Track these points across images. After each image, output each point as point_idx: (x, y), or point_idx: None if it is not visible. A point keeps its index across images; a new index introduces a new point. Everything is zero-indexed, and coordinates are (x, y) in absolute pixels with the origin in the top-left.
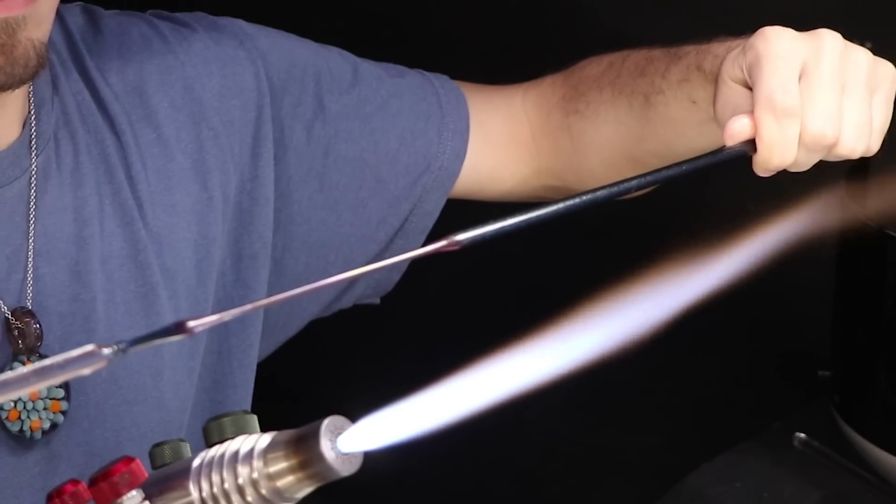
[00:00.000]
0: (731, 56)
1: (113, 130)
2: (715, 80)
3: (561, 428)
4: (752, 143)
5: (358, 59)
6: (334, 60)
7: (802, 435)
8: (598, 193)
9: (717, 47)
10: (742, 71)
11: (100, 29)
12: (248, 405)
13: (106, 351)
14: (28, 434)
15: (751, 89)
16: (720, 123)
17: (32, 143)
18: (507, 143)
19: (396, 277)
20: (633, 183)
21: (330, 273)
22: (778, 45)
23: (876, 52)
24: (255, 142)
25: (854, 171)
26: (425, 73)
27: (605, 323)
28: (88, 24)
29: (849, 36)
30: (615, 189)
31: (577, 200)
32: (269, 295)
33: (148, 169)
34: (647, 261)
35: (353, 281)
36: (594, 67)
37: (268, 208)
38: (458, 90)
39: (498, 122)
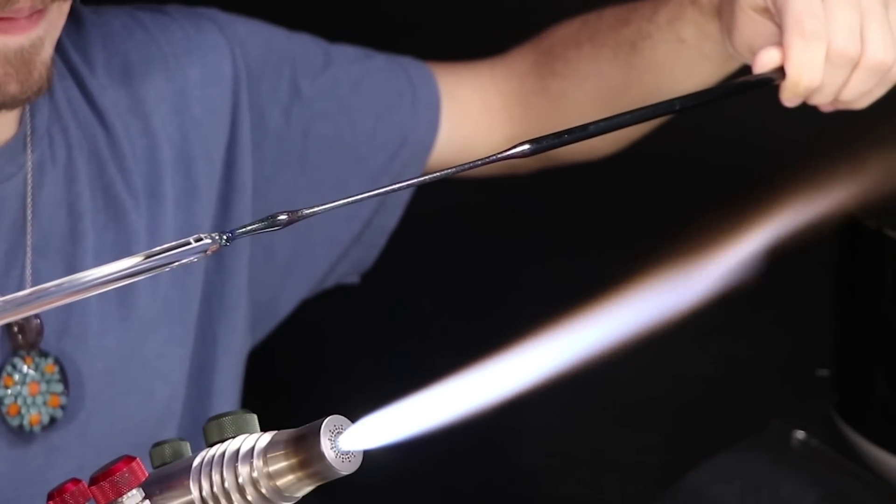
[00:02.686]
0: None
1: (102, 124)
2: (715, 11)
3: (561, 428)
4: (779, 71)
5: (328, 44)
6: (306, 45)
7: (801, 433)
8: (634, 114)
9: None
10: None
11: (81, 23)
12: (235, 391)
13: (211, 239)
14: (28, 428)
15: (769, 17)
16: (739, 53)
17: (28, 139)
18: (478, 112)
19: (375, 254)
20: (677, 104)
21: (316, 255)
22: None
23: None
24: (233, 129)
25: (852, 171)
26: (390, 54)
27: (605, 322)
28: (70, 20)
29: None
30: (650, 111)
31: (618, 119)
32: (252, 281)
33: (138, 160)
34: (647, 260)
35: (337, 259)
36: (566, 29)
37: (245, 194)
38: (426, 66)
39: (468, 92)
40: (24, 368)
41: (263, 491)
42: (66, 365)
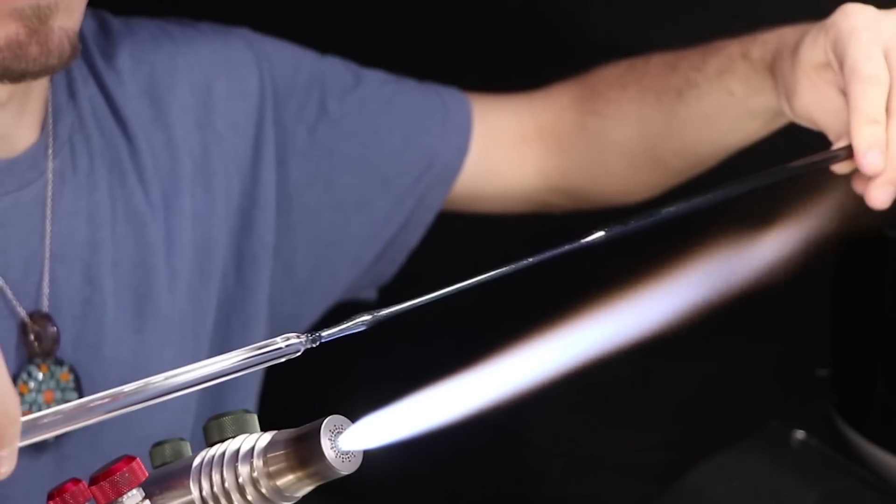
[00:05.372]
0: (808, 40)
1: (125, 134)
2: (768, 69)
3: (561, 428)
4: (846, 149)
5: (360, 67)
6: (336, 66)
7: (801, 433)
8: (697, 201)
9: (765, 35)
10: (825, 52)
11: (110, 31)
12: (251, 407)
13: (300, 340)
14: None
15: (832, 74)
16: (798, 118)
17: (49, 147)
18: (511, 140)
19: (394, 270)
20: (730, 191)
21: (338, 272)
22: (861, 18)
23: None
24: (257, 144)
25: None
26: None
27: (605, 322)
28: (99, 29)
29: None
30: (720, 195)
31: (696, 202)
32: (272, 296)
33: (159, 172)
34: (647, 261)
35: (357, 277)
36: (612, 70)
37: (268, 211)
38: (460, 91)
39: (502, 118)
40: (40, 376)
41: (263, 491)
42: (81, 374)
